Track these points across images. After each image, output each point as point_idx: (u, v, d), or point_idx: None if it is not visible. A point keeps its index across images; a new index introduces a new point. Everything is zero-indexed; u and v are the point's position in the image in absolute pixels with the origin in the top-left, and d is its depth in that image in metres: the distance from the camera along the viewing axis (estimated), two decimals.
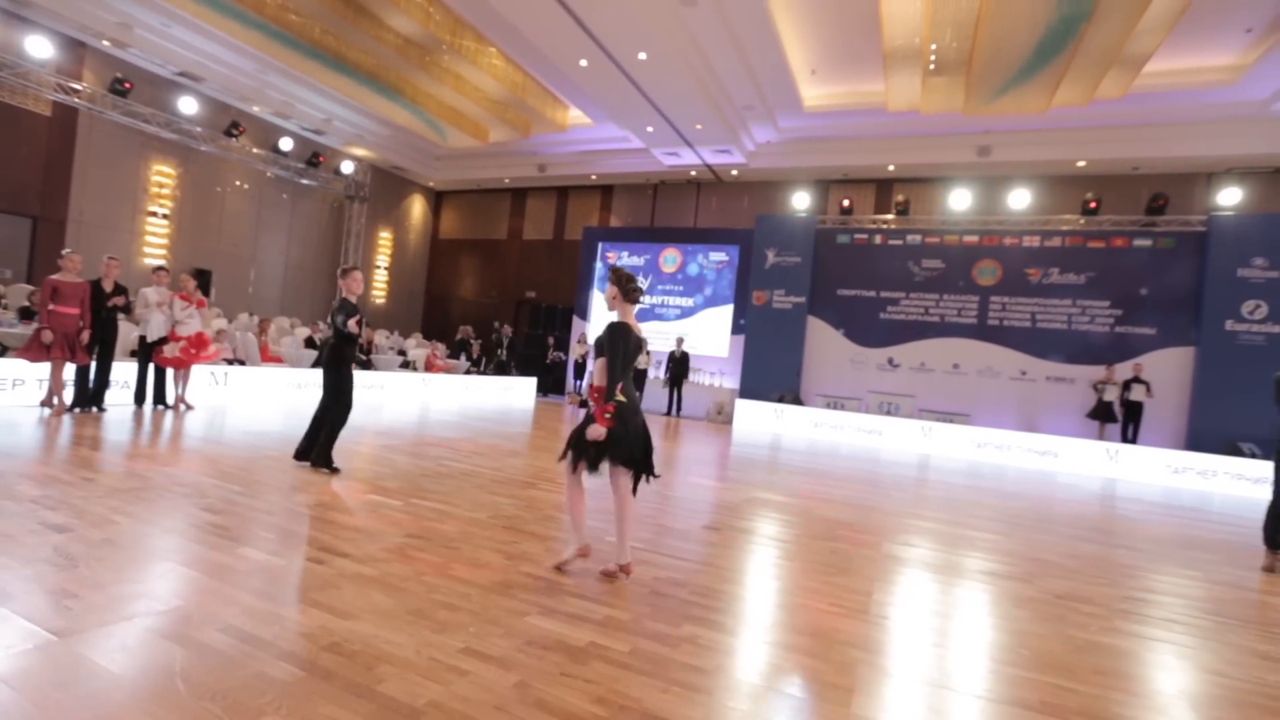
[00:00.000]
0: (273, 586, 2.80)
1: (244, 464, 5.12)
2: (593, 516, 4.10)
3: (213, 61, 13.14)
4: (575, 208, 18.94)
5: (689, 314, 16.20)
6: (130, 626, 2.29)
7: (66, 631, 2.20)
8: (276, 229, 16.62)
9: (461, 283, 20.78)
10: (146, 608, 2.45)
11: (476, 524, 4.02)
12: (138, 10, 11.55)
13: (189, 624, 2.35)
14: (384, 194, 19.23)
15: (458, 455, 6.49)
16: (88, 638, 2.18)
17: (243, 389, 8.99)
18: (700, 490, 5.97)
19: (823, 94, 12.85)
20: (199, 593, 2.64)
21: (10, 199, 11.87)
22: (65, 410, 6.53)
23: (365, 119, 15.91)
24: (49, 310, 6.22)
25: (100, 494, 3.88)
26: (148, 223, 13.91)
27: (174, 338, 7.38)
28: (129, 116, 12.96)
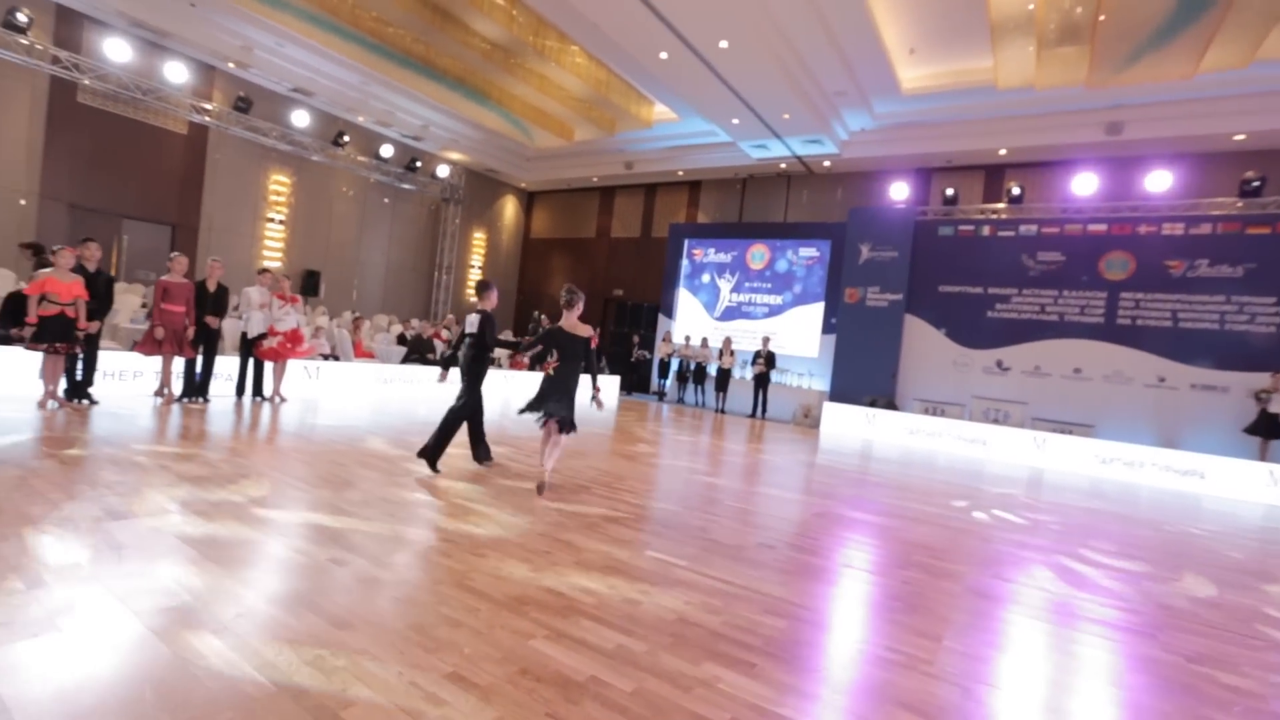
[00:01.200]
0: (284, 585, 2.75)
1: (312, 456, 5.29)
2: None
3: (321, 76, 14.02)
4: (662, 204, 18.73)
5: (777, 312, 15.56)
6: (133, 621, 2.28)
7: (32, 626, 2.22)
8: (378, 231, 17.58)
9: (551, 281, 21.14)
10: (152, 603, 2.44)
11: (515, 530, 3.87)
12: (256, 33, 12.49)
13: (188, 622, 2.31)
14: (478, 196, 19.89)
15: (519, 454, 6.43)
16: (83, 632, 2.18)
17: (333, 383, 9.47)
18: (768, 501, 5.55)
19: (923, 75, 11.87)
20: (210, 587, 2.62)
21: (152, 209, 13.23)
22: (174, 400, 7.09)
23: (458, 124, 16.46)
24: (160, 308, 6.75)
25: (152, 481, 4.07)
26: (266, 228, 15.09)
27: (272, 333, 7.84)
28: (250, 131, 14.11)
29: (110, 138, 12.42)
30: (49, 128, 11.74)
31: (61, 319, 5.94)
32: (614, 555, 3.58)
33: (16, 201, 11.54)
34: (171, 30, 12.08)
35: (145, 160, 12.95)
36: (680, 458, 7.44)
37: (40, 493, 3.59)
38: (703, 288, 16.80)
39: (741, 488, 6.00)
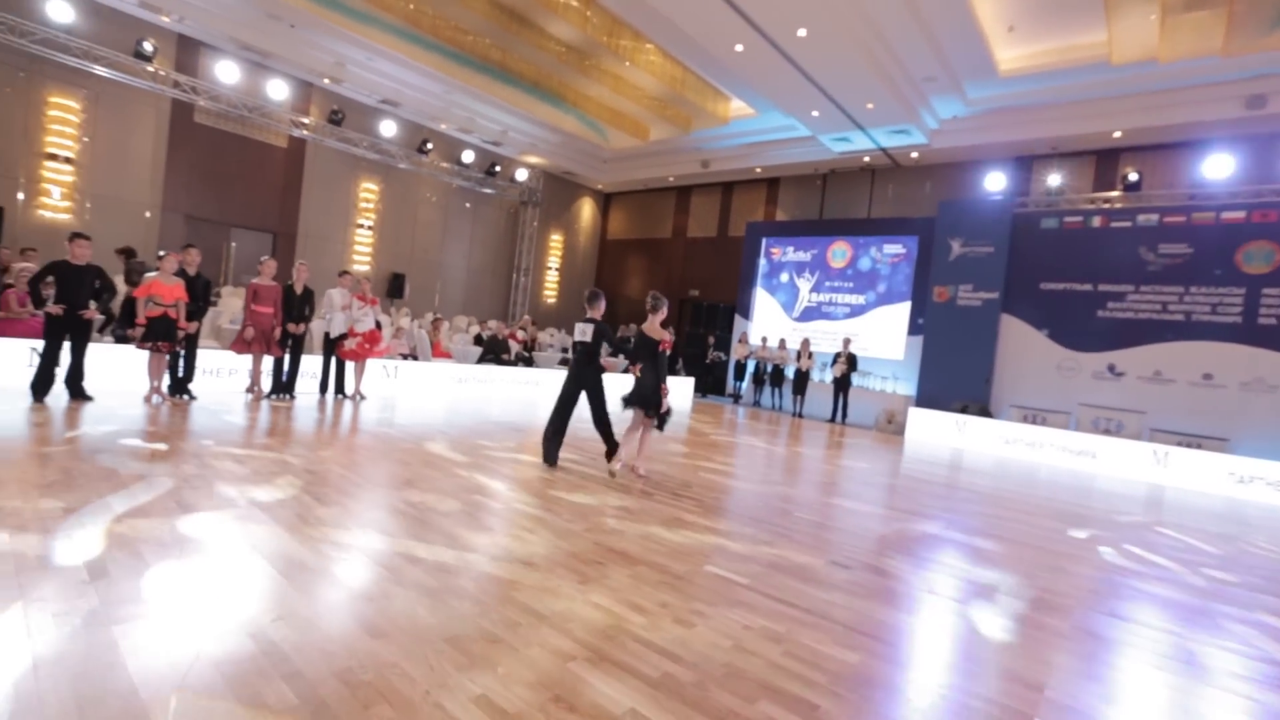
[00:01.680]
0: (331, 586, 2.71)
1: (379, 454, 5.38)
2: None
3: (407, 87, 14.58)
4: (740, 203, 18.33)
5: (859, 312, 14.82)
6: (164, 616, 2.28)
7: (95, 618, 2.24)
8: (459, 235, 18.14)
9: (628, 282, 21.15)
10: (190, 600, 2.45)
11: (569, 538, 3.73)
12: (348, 49, 13.13)
13: (225, 622, 2.29)
14: (556, 198, 20.17)
15: (586, 457, 6.32)
16: (115, 629, 2.19)
17: (411, 382, 9.76)
18: (844, 514, 5.16)
19: (1024, 54, 10.93)
20: (258, 588, 2.61)
21: (257, 218, 14.19)
22: (263, 396, 7.48)
23: (536, 127, 16.71)
24: (250, 310, 7.13)
25: (223, 474, 4.21)
26: (356, 233, 15.88)
27: (352, 334, 8.15)
28: (342, 142, 14.87)
29: (221, 153, 13.41)
30: (170, 146, 12.80)
31: (165, 320, 6.36)
32: (670, 569, 3.36)
33: (143, 214, 12.64)
34: (274, 51, 12.89)
35: (250, 173, 13.91)
36: (752, 464, 7.12)
37: (123, 482, 3.77)
38: (781, 287, 16.27)
39: (816, 498, 5.63)
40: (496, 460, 5.71)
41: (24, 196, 11.39)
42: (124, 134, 12.31)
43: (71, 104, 11.72)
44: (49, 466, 3.95)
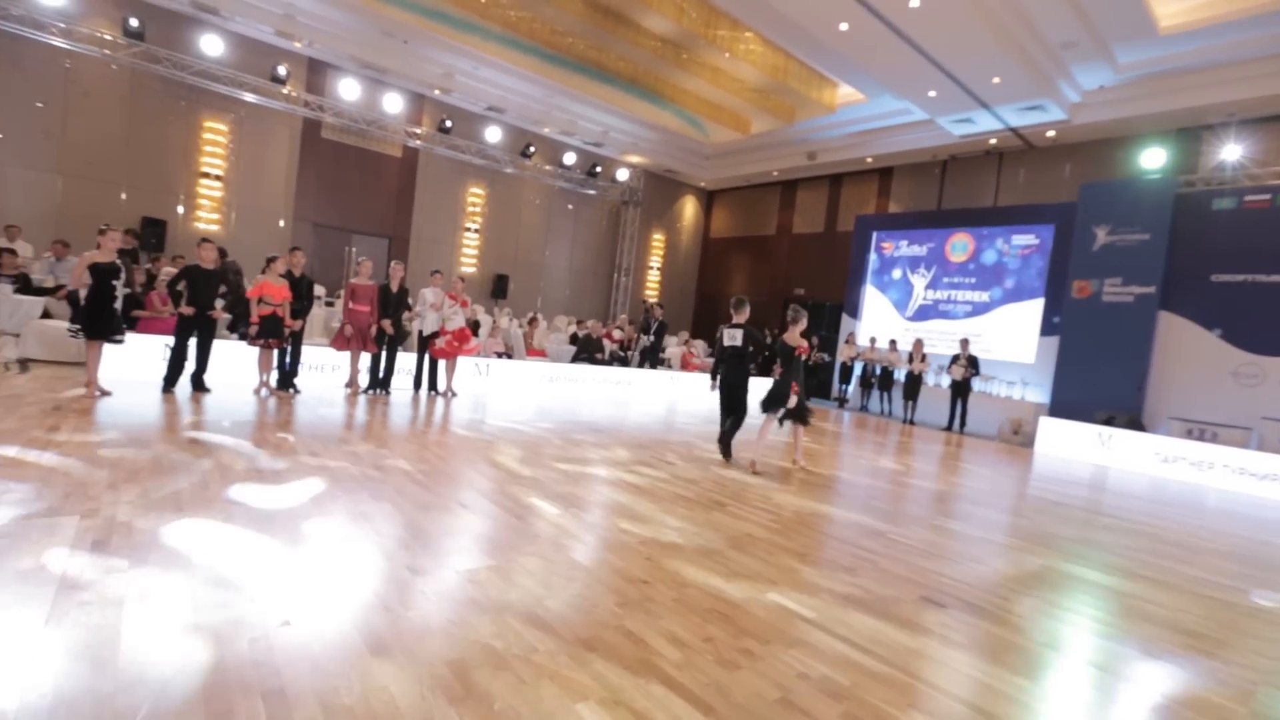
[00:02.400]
0: (357, 589, 2.58)
1: (451, 450, 5.36)
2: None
3: (511, 93, 14.99)
4: (849, 196, 17.28)
5: (982, 310, 13.43)
6: (187, 610, 2.22)
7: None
8: (562, 236, 18.44)
9: (731, 281, 20.62)
10: (219, 592, 2.39)
11: (620, 550, 3.43)
12: (456, 59, 13.68)
13: (224, 623, 2.20)
14: (657, 197, 20.02)
15: (658, 461, 6.01)
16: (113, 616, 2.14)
17: (501, 380, 9.90)
18: (951, 539, 4.48)
19: (1189, 6, 9.35)
20: (293, 584, 2.53)
21: (374, 224, 15.13)
22: (360, 391, 7.81)
23: (635, 126, 16.63)
24: (348, 308, 7.47)
25: (303, 463, 4.28)
26: (464, 236, 16.55)
27: (443, 332, 8.35)
28: (451, 150, 15.55)
29: (343, 165, 14.43)
30: (300, 161, 13.93)
31: (274, 318, 6.77)
32: (725, 594, 2.97)
33: (277, 223, 13.84)
34: (390, 66, 13.66)
35: (369, 182, 14.85)
36: (851, 473, 6.49)
37: (169, 470, 3.93)
38: (893, 284, 15.11)
39: (919, 518, 4.96)
40: (554, 463, 5.53)
41: (183, 210, 12.79)
42: (263, 151, 13.53)
43: (221, 127, 13.03)
44: (153, 449, 4.21)
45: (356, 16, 12.26)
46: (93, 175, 11.93)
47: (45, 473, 3.57)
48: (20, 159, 11.37)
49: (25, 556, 2.51)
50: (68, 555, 2.57)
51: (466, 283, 15.81)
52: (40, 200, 11.47)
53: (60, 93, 11.55)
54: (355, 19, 12.36)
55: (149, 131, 12.31)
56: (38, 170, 11.51)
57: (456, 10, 11.71)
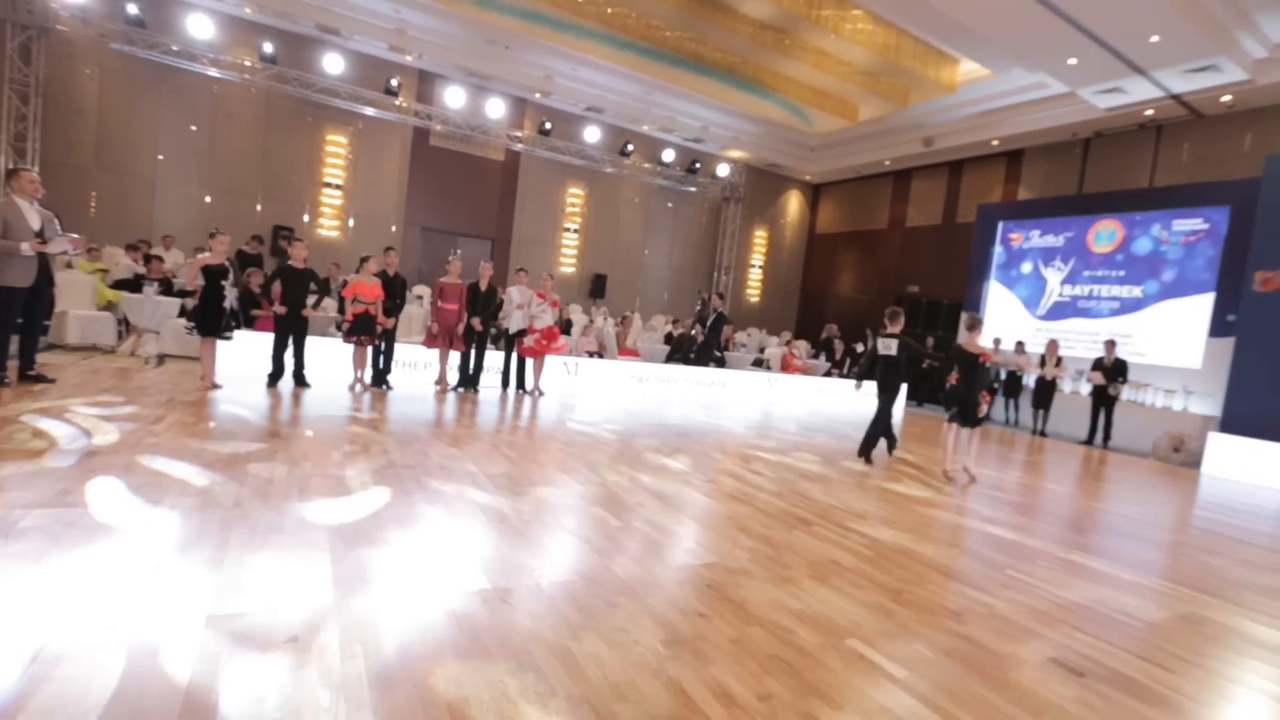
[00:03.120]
0: (442, 598, 2.39)
1: (522, 450, 5.20)
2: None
3: (609, 92, 14.96)
4: (971, 183, 15.78)
5: (1134, 307, 11.71)
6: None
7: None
8: (661, 234, 18.23)
9: (838, 279, 19.56)
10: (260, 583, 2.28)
11: (680, 573, 3.06)
12: (555, 62, 13.82)
13: (312, 621, 2.06)
14: (760, 193, 19.34)
15: (742, 471, 5.55)
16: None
17: (591, 379, 9.76)
18: (1090, 581, 3.69)
19: None
20: (383, 580, 2.39)
21: (477, 226, 15.63)
22: (448, 389, 7.93)
23: (736, 119, 16.09)
24: (437, 307, 7.59)
25: (376, 458, 4.25)
26: (564, 237, 16.74)
27: (531, 330, 8.32)
28: (551, 151, 15.77)
29: (449, 170, 15.00)
30: (411, 168, 14.64)
31: (366, 316, 6.99)
32: (795, 637, 2.52)
33: (390, 228, 14.62)
34: (492, 73, 14.03)
35: (473, 186, 15.36)
36: (966, 493, 5.71)
37: (292, 460, 3.99)
38: (1022, 279, 13.58)
39: (1050, 550, 4.19)
40: (625, 468, 5.21)
41: (308, 219, 13.81)
42: (377, 161, 14.33)
43: (341, 139, 13.94)
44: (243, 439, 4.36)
45: (462, 26, 12.65)
46: (234, 189, 13.12)
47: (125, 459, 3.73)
48: (177, 177, 12.70)
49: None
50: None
51: (556, 280, 16.13)
52: (191, 213, 12.75)
53: (209, 116, 12.79)
54: (460, 29, 12.77)
55: (280, 147, 13.37)
56: (190, 186, 12.81)
57: (553, 10, 11.77)
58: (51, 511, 2.83)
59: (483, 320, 7.87)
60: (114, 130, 12.13)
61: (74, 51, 11.69)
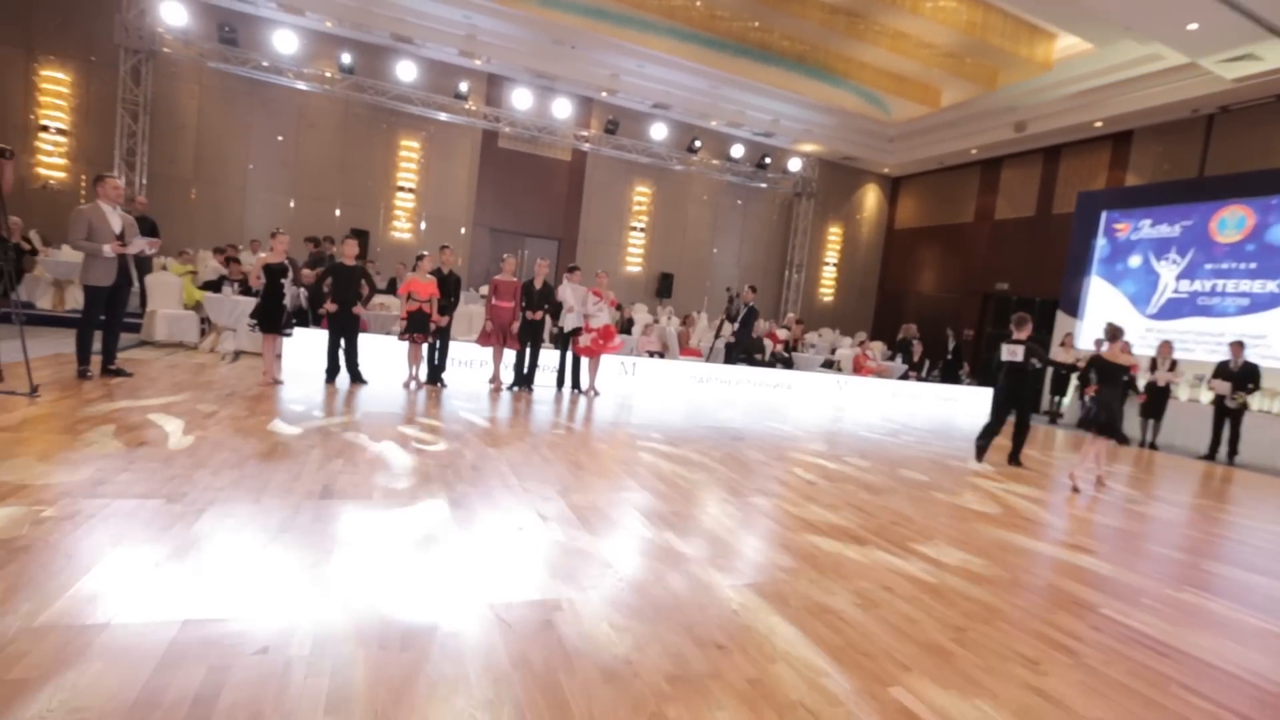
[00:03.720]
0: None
1: (568, 451, 5.01)
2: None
3: (675, 88, 14.70)
4: (1070, 170, 14.47)
5: (1266, 305, 10.32)
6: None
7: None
8: (729, 232, 17.79)
9: (918, 276, 18.47)
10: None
11: (705, 594, 2.75)
12: (621, 59, 13.71)
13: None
14: (834, 188, 18.55)
15: (794, 480, 5.13)
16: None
17: (648, 380, 9.51)
18: (1218, 630, 3.08)
19: None
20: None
21: (545, 226, 15.74)
22: (501, 388, 7.89)
23: (808, 111, 15.45)
24: (491, 304, 7.55)
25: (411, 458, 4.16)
26: (630, 236, 16.61)
27: (587, 329, 8.16)
28: (617, 150, 15.68)
29: (516, 172, 15.17)
30: (480, 170, 14.91)
31: (420, 314, 7.03)
32: (827, 680, 2.16)
33: (459, 230, 14.94)
34: (558, 73, 14.08)
35: (540, 187, 15.48)
36: (1059, 516, 5.06)
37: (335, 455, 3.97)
38: (1129, 274, 12.28)
39: (1154, 589, 3.57)
40: (671, 473, 4.91)
41: (382, 222, 14.31)
42: (448, 164, 14.68)
43: (413, 144, 14.36)
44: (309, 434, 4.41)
45: (528, 28, 12.74)
46: (315, 194, 13.77)
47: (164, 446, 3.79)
48: (265, 184, 13.45)
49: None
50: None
51: (621, 280, 16.02)
52: (277, 217, 13.44)
53: (293, 126, 13.48)
54: (527, 30, 12.86)
55: (357, 153, 13.92)
56: (276, 192, 13.53)
57: (617, 5, 11.62)
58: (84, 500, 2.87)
59: (543, 316, 7.79)
60: (210, 143, 12.97)
61: (177, 71, 12.57)
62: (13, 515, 2.65)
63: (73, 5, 11.81)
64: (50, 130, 11.94)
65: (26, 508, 2.74)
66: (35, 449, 3.58)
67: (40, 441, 3.73)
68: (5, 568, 2.22)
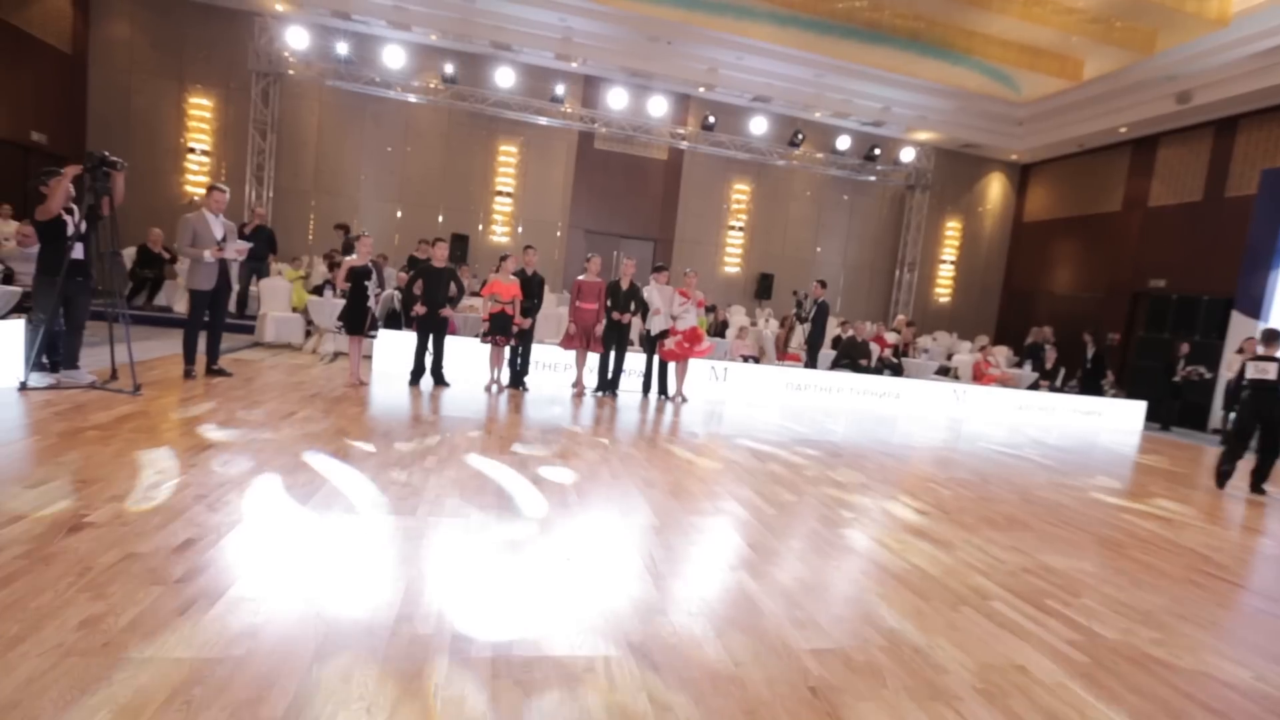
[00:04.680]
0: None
1: (635, 463, 4.59)
2: None
3: (777, 79, 14.00)
4: (1249, 146, 12.31)
5: None
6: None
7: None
8: (834, 230, 16.76)
9: (1051, 273, 16.56)
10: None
11: (776, 661, 2.23)
12: (718, 52, 13.22)
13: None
14: (952, 179, 17.01)
15: (903, 504, 4.42)
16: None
17: (740, 386, 8.91)
18: None
19: None
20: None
21: (640, 227, 15.49)
22: (584, 393, 7.62)
23: (923, 95, 14.19)
24: (574, 306, 7.30)
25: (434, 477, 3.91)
26: (728, 235, 16.02)
27: (673, 332, 7.74)
28: (715, 146, 15.16)
29: (612, 172, 15.03)
30: (575, 172, 14.90)
31: (503, 316, 6.89)
32: None
33: (555, 232, 15.01)
34: (654, 71, 13.80)
35: (635, 187, 15.25)
36: (1246, 559, 4.03)
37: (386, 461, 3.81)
38: None
39: None
40: (750, 496, 4.35)
41: (481, 227, 14.63)
42: (544, 167, 14.78)
43: (512, 149, 14.58)
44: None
45: (624, 26, 12.54)
46: (420, 202, 14.29)
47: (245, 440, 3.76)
48: (376, 194, 14.13)
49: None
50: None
51: (720, 281, 15.43)
52: (386, 224, 14.09)
53: (401, 137, 14.07)
54: (623, 29, 12.67)
55: (459, 160, 14.31)
56: (385, 201, 14.18)
57: None
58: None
59: (630, 318, 7.47)
60: (328, 156, 13.79)
61: (300, 91, 13.47)
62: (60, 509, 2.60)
63: (216, 38, 12.93)
64: (195, 151, 13.13)
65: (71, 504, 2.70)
66: (113, 448, 3.64)
67: (122, 441, 3.81)
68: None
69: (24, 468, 3.23)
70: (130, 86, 12.75)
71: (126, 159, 5.26)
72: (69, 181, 4.86)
